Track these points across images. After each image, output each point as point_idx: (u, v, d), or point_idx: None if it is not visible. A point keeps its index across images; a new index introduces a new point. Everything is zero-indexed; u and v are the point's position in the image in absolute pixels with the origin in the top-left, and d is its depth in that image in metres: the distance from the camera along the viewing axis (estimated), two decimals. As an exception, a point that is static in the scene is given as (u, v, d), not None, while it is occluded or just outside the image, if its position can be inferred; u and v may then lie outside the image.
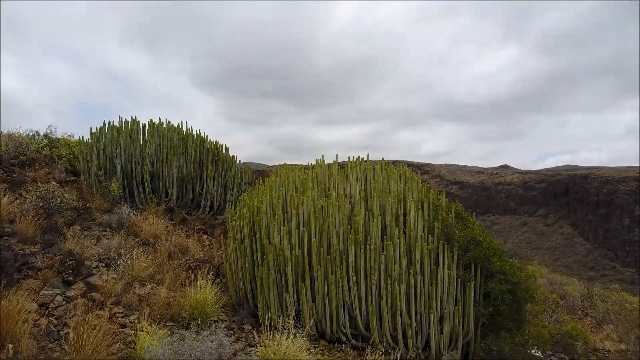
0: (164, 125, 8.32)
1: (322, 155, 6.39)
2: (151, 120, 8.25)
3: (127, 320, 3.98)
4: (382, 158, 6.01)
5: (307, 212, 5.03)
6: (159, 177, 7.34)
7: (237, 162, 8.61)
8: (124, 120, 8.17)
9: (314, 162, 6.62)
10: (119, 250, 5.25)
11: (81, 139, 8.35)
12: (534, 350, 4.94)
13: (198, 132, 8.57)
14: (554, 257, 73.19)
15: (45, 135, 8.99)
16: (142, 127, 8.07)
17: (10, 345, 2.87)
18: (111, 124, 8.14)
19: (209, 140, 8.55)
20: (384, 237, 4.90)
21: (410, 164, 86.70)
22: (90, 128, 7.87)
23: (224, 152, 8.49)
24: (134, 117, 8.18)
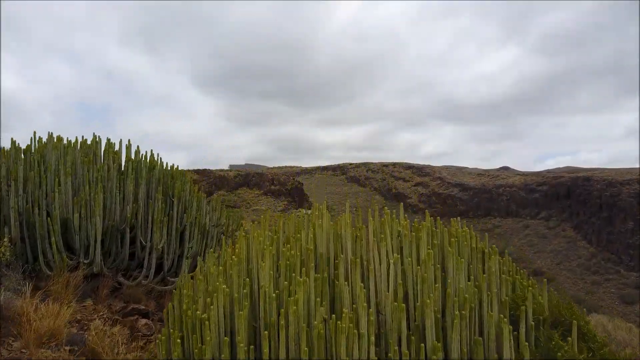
0: (102, 147, 5.83)
1: (325, 203, 3.91)
2: (77, 140, 5.75)
3: None
4: (430, 221, 3.51)
5: (295, 341, 2.57)
6: (75, 227, 4.84)
7: (204, 197, 6.11)
8: (38, 137, 5.67)
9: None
10: None
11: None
12: None
13: (148, 155, 6.08)
14: (557, 260, 71.10)
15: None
16: (63, 149, 5.56)
17: None
18: (32, 141, 5.65)
19: (162, 164, 6.06)
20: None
21: (410, 166, 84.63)
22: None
23: (182, 181, 5.98)
24: (50, 134, 5.67)
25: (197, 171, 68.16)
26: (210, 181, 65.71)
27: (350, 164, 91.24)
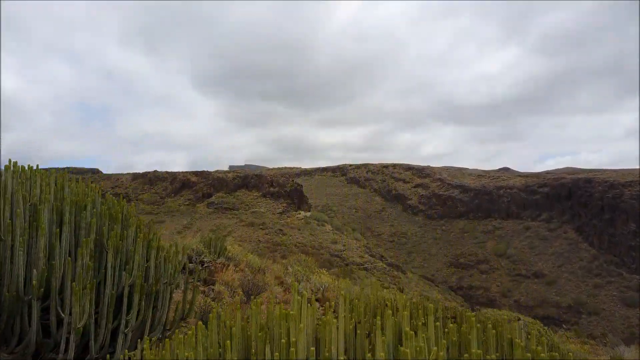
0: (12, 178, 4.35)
1: (305, 294, 2.47)
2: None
3: None
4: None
5: None
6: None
7: (158, 243, 4.62)
8: None
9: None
10: None
11: None
12: None
13: (85, 183, 4.60)
14: (558, 262, 69.70)
15: None
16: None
17: None
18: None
19: (99, 198, 4.58)
20: None
21: (410, 167, 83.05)
22: None
23: (122, 222, 4.50)
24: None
25: (196, 173, 66.59)
26: (209, 183, 64.11)
27: (350, 165, 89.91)
